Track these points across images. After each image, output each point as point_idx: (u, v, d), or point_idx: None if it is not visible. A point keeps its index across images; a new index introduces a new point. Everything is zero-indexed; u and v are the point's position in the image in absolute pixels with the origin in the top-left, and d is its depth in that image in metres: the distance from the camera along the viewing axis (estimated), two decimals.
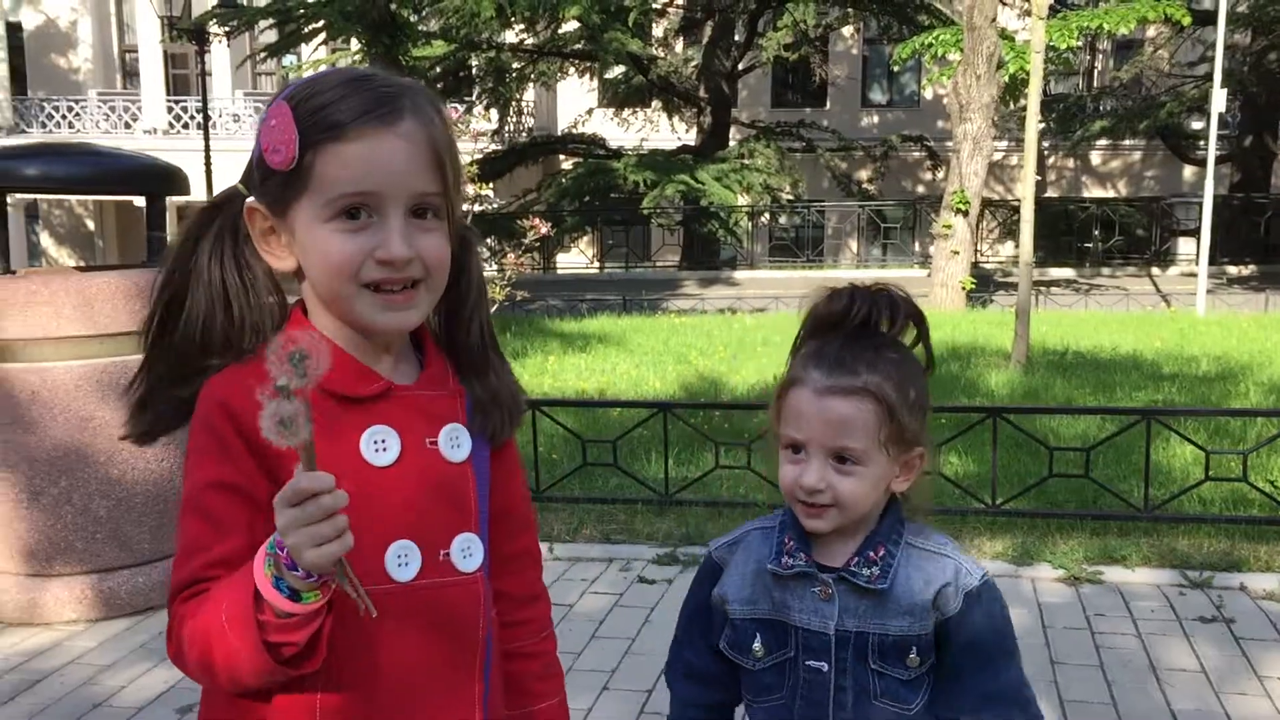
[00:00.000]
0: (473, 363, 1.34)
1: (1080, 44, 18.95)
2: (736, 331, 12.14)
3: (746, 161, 24.47)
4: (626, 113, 28.67)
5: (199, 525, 1.20)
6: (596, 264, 26.49)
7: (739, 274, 24.32)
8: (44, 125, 28.85)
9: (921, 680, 1.43)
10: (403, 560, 1.23)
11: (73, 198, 30.21)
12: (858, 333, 1.42)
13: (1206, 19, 20.49)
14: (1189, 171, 28.09)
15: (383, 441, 1.23)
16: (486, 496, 1.33)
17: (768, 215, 26.89)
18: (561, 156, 28.49)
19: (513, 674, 1.42)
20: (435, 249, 1.23)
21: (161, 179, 4.25)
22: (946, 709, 1.44)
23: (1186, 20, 16.89)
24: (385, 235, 1.19)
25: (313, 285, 1.25)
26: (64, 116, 28.91)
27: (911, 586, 1.41)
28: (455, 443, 1.30)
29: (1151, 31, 25.54)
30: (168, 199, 4.40)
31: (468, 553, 1.29)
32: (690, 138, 27.38)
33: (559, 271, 25.21)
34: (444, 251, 1.25)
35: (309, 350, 0.98)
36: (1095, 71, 30.41)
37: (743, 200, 24.53)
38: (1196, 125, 26.24)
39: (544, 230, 13.42)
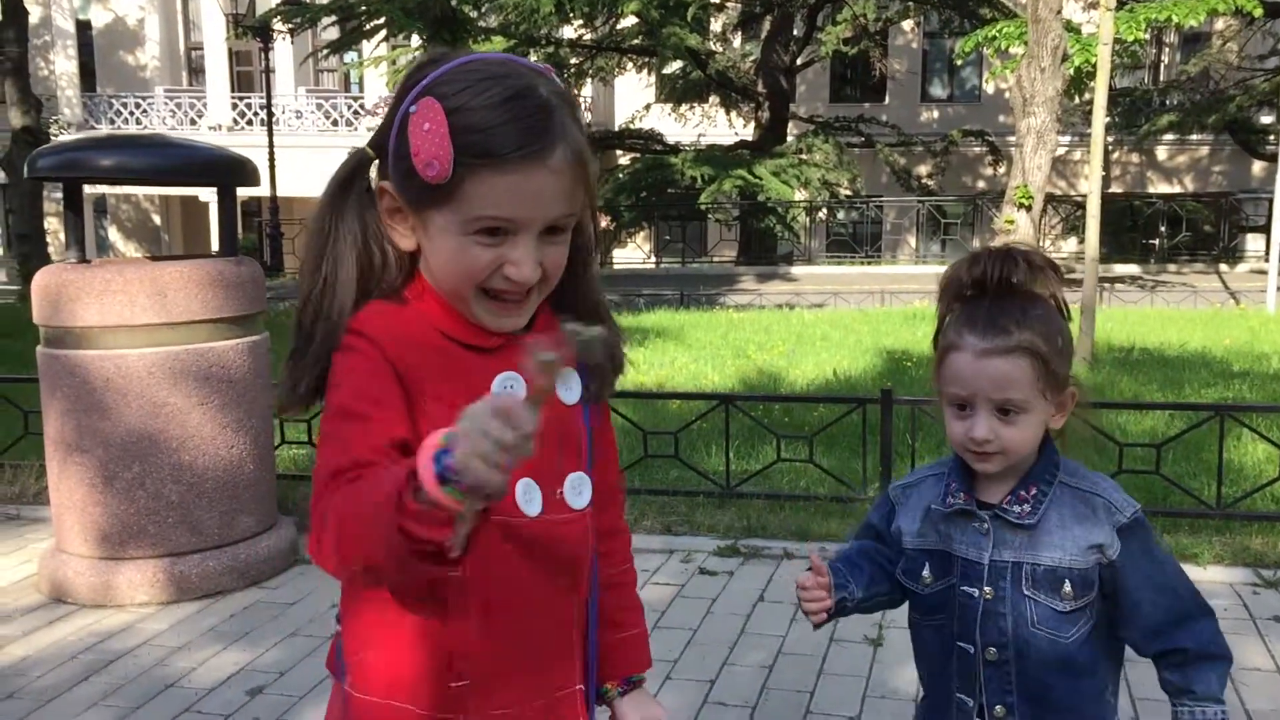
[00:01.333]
0: (582, 308, 1.40)
1: (1147, 37, 18.59)
2: (795, 326, 12.07)
3: (804, 157, 24.34)
4: (684, 108, 28.60)
5: (358, 425, 1.22)
6: (653, 259, 26.47)
7: (796, 269, 24.17)
8: (112, 121, 29.46)
9: (1080, 615, 1.56)
10: (529, 497, 1.30)
11: (140, 193, 30.87)
12: (999, 292, 1.55)
13: (1277, 11, 20.01)
14: (1258, 166, 27.47)
15: (511, 386, 1.29)
16: (592, 438, 1.42)
17: (825, 211, 26.71)
18: (619, 152, 28.52)
19: (599, 603, 1.47)
20: (556, 259, 1.30)
21: (233, 170, 4.31)
22: (1139, 635, 1.59)
23: (1258, 12, 16.50)
24: (517, 255, 1.25)
25: (433, 270, 1.31)
26: (131, 113, 29.49)
27: (1063, 521, 1.56)
28: (568, 386, 1.37)
29: (1220, 24, 24.99)
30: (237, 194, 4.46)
31: (579, 491, 1.37)
32: (748, 133, 27.25)
33: (615, 267, 25.22)
34: (564, 259, 1.32)
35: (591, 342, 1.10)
36: (1162, 65, 29.83)
37: (800, 196, 24.38)
38: (1266, 119, 25.69)
39: (602, 224, 13.47)
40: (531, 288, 1.29)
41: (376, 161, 1.33)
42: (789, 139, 25.88)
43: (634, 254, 26.47)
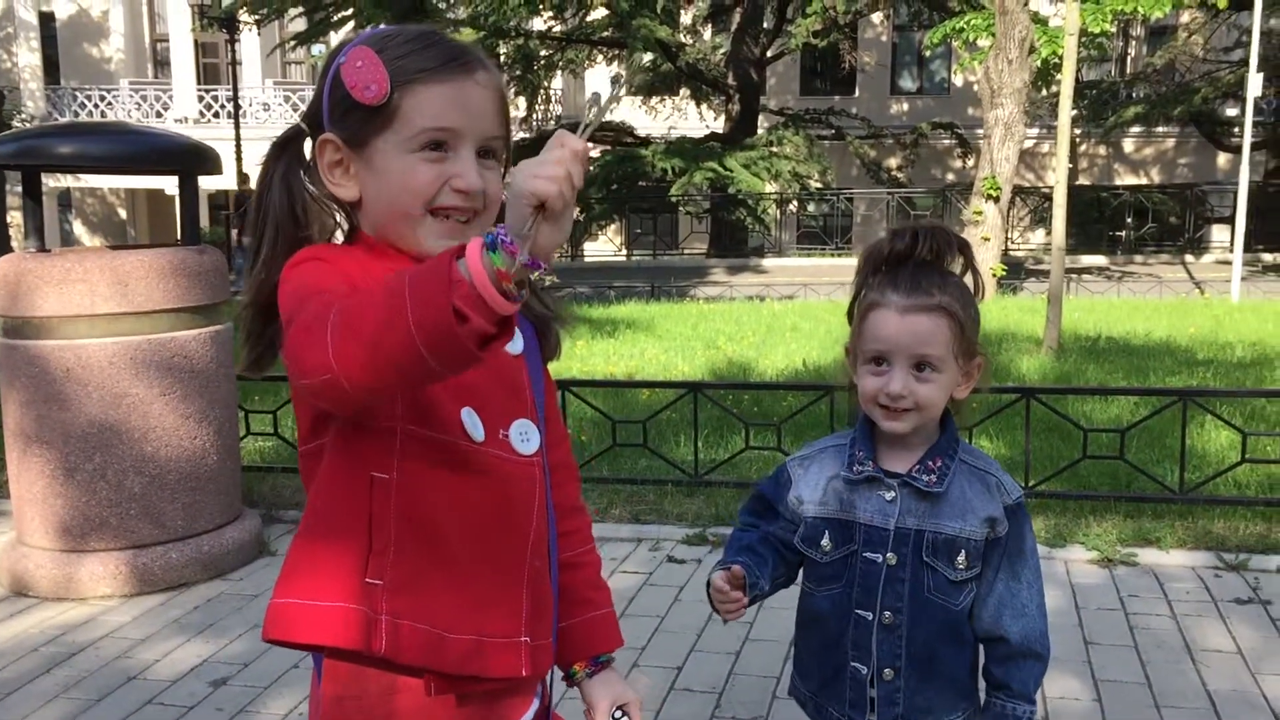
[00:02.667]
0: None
1: (1114, 29, 18.73)
2: (765, 318, 12.09)
3: (775, 149, 24.33)
4: (655, 100, 28.59)
5: (338, 283, 1.23)
6: (624, 251, 26.45)
7: (767, 261, 24.23)
8: (76, 114, 29.10)
9: (967, 584, 1.66)
10: (473, 423, 1.32)
11: (105, 185, 30.51)
12: (922, 262, 1.64)
13: (1242, 3, 20.18)
14: (1223, 158, 27.73)
15: None
16: (542, 394, 1.45)
17: (796, 203, 26.77)
18: (590, 144, 28.42)
19: (563, 584, 1.49)
20: (495, 185, 1.37)
21: (194, 157, 4.26)
22: (979, 610, 1.67)
23: (1222, 4, 16.59)
24: (461, 166, 1.33)
25: (377, 210, 1.36)
26: (96, 105, 29.15)
27: (964, 494, 1.65)
28: (514, 338, 1.38)
29: (1186, 16, 25.20)
30: (200, 187, 4.42)
31: (525, 436, 1.38)
32: (718, 125, 27.25)
33: (586, 259, 25.20)
34: (500, 189, 1.37)
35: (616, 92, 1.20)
36: (1128, 57, 30.05)
37: (771, 188, 24.41)
38: (1231, 111, 25.90)
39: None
40: (477, 213, 1.35)
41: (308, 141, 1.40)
42: (759, 131, 25.88)
43: (605, 246, 26.46)
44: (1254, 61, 15.49)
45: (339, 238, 1.43)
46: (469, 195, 1.33)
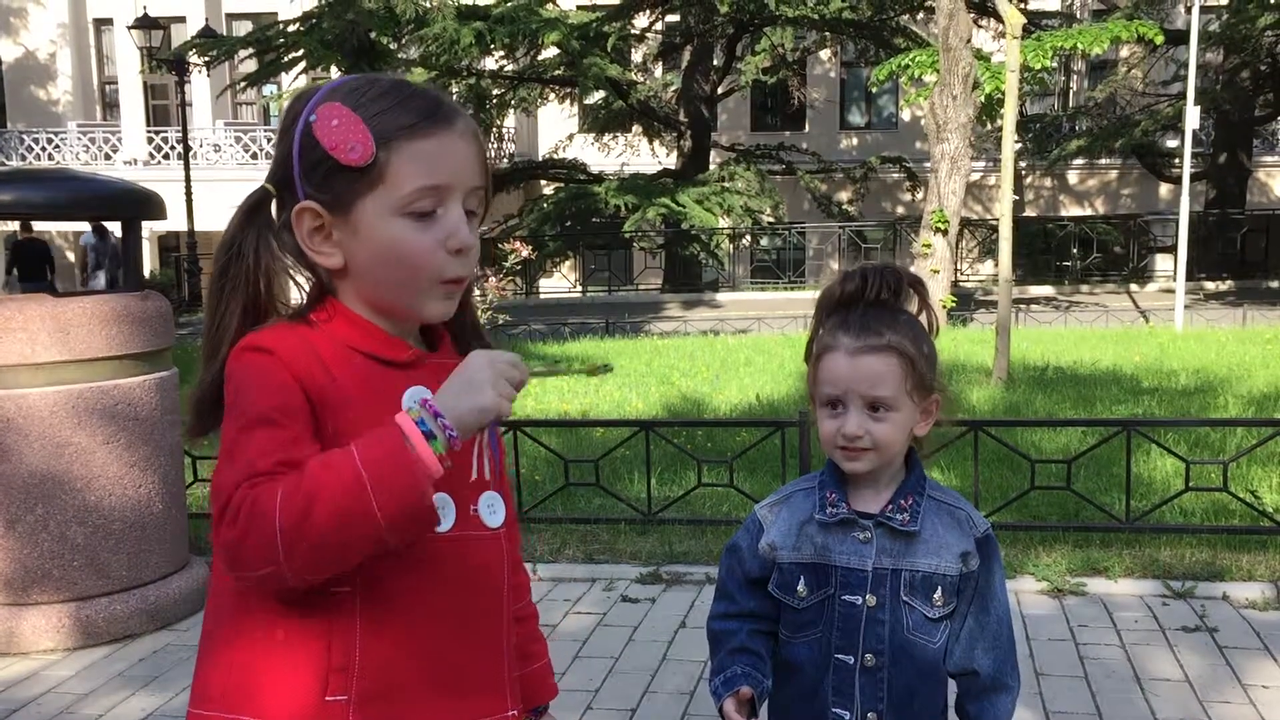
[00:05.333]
0: (471, 337, 1.44)
1: (1055, 64, 19.10)
2: (719, 352, 12.14)
3: (727, 184, 24.54)
4: (607, 137, 28.72)
5: (269, 433, 1.20)
6: (579, 288, 26.47)
7: (721, 296, 24.33)
8: (23, 157, 28.72)
9: (944, 622, 1.68)
10: (443, 511, 1.28)
11: (53, 229, 30.09)
12: (873, 303, 1.64)
13: (1179, 38, 20.68)
14: (1165, 189, 28.29)
15: (422, 401, 1.30)
16: (498, 453, 1.42)
17: (749, 237, 26.95)
18: (543, 182, 28.52)
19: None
20: (478, 242, 1.35)
21: (137, 203, 4.23)
22: (952, 645, 1.68)
23: (1159, 39, 17.01)
24: (453, 226, 1.29)
25: (370, 277, 1.30)
26: (44, 148, 28.79)
27: (936, 531, 1.66)
28: None
29: (1125, 51, 25.78)
30: (151, 229, 4.38)
31: (493, 509, 1.37)
32: (671, 161, 27.45)
33: (541, 296, 25.17)
34: (477, 242, 1.36)
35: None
36: (1070, 92, 30.64)
37: (724, 223, 24.58)
38: (1171, 143, 26.45)
39: (526, 254, 13.43)
40: (467, 276, 1.33)
41: (275, 201, 1.33)
42: (711, 167, 26.09)
43: (560, 283, 26.46)
44: (1191, 94, 15.85)
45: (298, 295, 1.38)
46: (466, 254, 1.30)
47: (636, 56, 27.82)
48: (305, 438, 1.21)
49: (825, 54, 29.63)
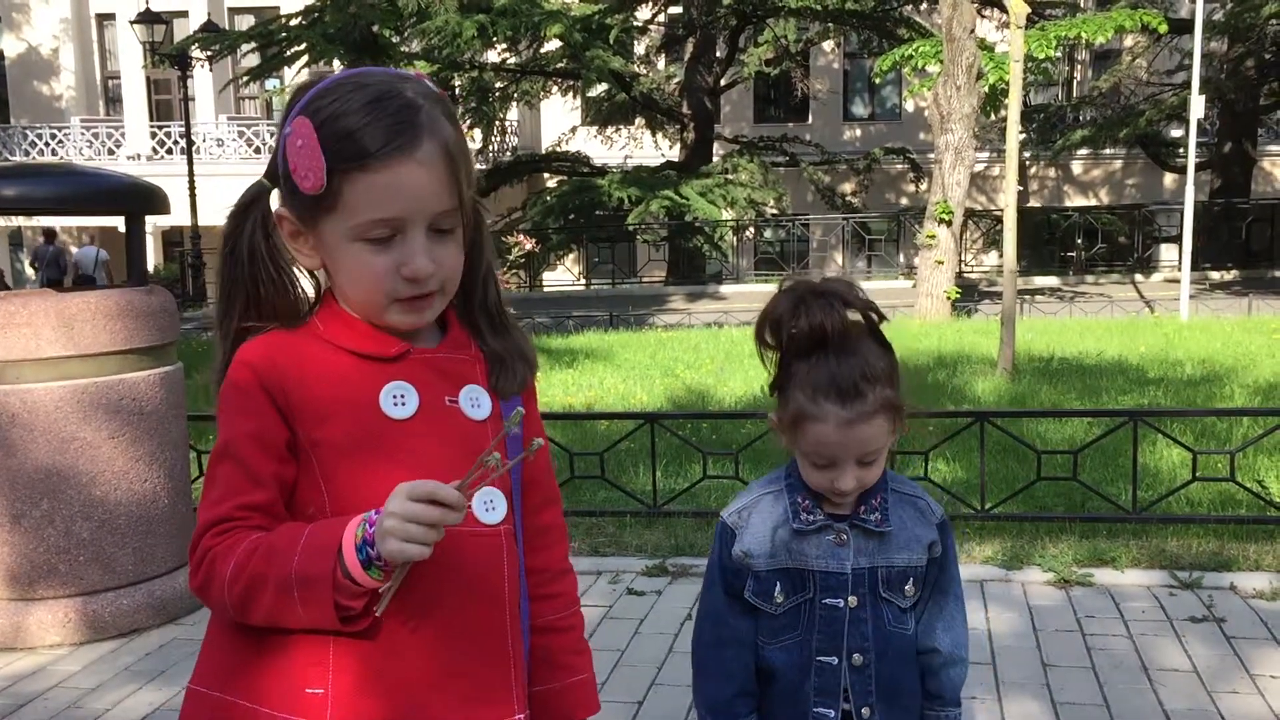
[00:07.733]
0: (490, 323, 1.44)
1: (1059, 54, 19.05)
2: (724, 344, 12.13)
3: (730, 176, 24.52)
4: (610, 130, 28.71)
5: (232, 471, 1.29)
6: (583, 281, 26.47)
7: (725, 288, 24.33)
8: (27, 153, 28.77)
9: (914, 610, 1.72)
10: None
11: (58, 225, 30.13)
12: (836, 344, 1.59)
13: (1183, 27, 20.61)
14: (1169, 179, 28.23)
15: (401, 396, 1.32)
16: (520, 464, 1.41)
17: (752, 229, 26.93)
18: (546, 175, 28.52)
19: (545, 648, 1.47)
20: (451, 259, 1.33)
21: (141, 197, 4.22)
22: (918, 624, 1.73)
23: (1163, 28, 16.99)
24: (410, 252, 1.29)
25: (341, 285, 1.36)
26: (47, 144, 28.83)
27: (904, 524, 1.69)
28: (475, 403, 1.38)
29: (1129, 41, 25.69)
30: (155, 224, 4.38)
31: (490, 506, 1.36)
32: (674, 154, 27.43)
33: (545, 289, 25.18)
34: (459, 259, 1.35)
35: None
36: (1074, 81, 30.58)
37: (727, 215, 24.56)
38: (1176, 133, 26.41)
39: (530, 247, 13.42)
40: (433, 291, 1.32)
41: (276, 191, 1.37)
42: (715, 159, 26.07)
43: (564, 276, 26.46)
44: (1195, 84, 15.80)
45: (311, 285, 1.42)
46: (420, 282, 1.30)
47: (639, 49, 27.81)
48: (266, 472, 1.29)
49: (828, 45, 29.57)
